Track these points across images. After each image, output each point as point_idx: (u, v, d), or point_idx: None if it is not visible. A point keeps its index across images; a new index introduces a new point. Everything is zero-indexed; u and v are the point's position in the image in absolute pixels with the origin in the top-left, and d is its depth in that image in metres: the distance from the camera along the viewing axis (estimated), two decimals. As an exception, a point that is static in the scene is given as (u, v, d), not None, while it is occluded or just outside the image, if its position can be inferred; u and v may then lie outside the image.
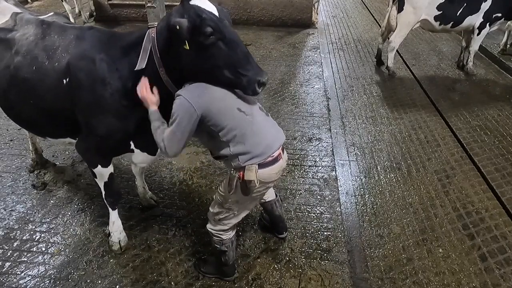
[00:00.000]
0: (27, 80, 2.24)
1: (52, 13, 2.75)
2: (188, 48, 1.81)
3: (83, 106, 2.16)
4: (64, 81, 2.15)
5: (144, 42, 1.95)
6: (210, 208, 2.29)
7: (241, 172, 1.95)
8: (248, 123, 1.95)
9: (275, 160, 2.02)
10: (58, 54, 2.18)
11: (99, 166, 2.41)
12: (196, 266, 2.58)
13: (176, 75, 1.96)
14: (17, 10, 2.61)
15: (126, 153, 2.38)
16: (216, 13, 1.83)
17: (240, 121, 1.93)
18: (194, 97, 1.84)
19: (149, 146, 2.29)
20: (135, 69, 1.94)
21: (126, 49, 2.07)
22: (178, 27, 1.76)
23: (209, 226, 2.30)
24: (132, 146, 2.31)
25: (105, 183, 2.52)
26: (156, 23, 2.01)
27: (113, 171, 2.53)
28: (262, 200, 2.61)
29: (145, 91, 1.97)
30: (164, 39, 1.90)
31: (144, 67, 1.94)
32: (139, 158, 2.41)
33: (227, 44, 1.82)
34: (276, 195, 2.71)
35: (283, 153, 2.11)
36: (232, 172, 2.02)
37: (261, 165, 1.96)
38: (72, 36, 2.21)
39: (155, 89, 1.99)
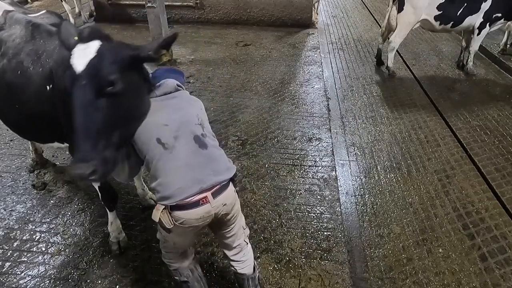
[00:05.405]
0: (12, 84, 2.21)
1: (44, 11, 2.74)
2: None
3: (68, 114, 2.10)
4: (48, 87, 2.10)
5: None
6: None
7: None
8: (164, 158, 1.71)
9: (195, 204, 1.70)
10: (43, 59, 2.14)
11: None
12: None
13: None
14: (10, 8, 2.60)
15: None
16: (79, 68, 1.57)
17: (155, 154, 1.72)
18: None
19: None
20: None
21: None
22: None
23: (162, 256, 2.10)
24: None
25: (99, 187, 2.52)
26: None
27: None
28: (234, 269, 2.18)
29: None
30: None
31: None
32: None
33: (71, 106, 1.59)
34: (254, 270, 2.20)
35: (215, 196, 1.74)
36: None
37: (176, 207, 1.69)
38: (58, 41, 2.16)
39: None
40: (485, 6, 5.24)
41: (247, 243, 2.16)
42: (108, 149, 1.64)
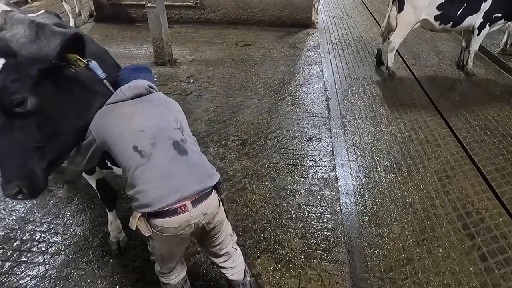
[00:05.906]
0: None
1: (42, 11, 2.75)
2: None
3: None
4: None
5: None
6: None
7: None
8: (141, 167, 1.64)
9: (173, 212, 1.62)
10: None
11: (83, 172, 2.42)
12: None
13: None
14: (7, 8, 2.60)
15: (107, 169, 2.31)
16: None
17: (133, 162, 1.65)
18: (96, 126, 1.76)
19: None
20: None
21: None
22: None
23: (155, 268, 2.07)
24: (109, 164, 2.20)
25: (96, 187, 2.53)
26: None
27: (101, 178, 2.50)
28: (224, 276, 2.15)
29: None
30: None
31: None
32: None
33: None
34: (245, 275, 2.16)
35: (195, 205, 1.66)
36: None
37: (153, 214, 1.63)
38: (58, 41, 2.18)
39: None
40: (485, 6, 5.23)
41: (236, 249, 2.10)
42: (37, 165, 1.58)
